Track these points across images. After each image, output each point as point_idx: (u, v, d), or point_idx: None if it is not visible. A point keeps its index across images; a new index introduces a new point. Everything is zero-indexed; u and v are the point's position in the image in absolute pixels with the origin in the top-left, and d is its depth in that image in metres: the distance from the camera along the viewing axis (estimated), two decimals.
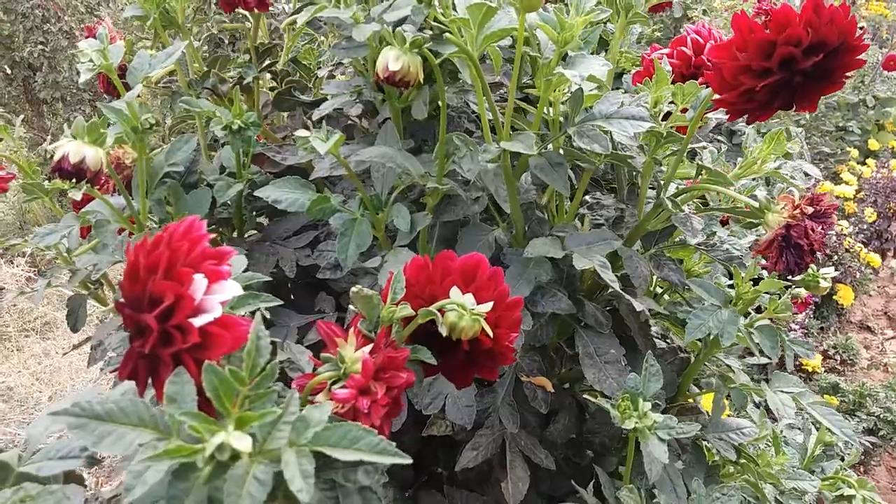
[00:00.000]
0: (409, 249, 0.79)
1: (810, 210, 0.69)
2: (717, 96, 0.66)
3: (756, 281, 0.85)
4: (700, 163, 0.81)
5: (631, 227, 0.86)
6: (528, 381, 0.85)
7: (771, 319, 0.85)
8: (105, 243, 0.83)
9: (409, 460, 0.45)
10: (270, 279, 0.95)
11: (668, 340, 1.06)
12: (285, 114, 1.12)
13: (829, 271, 0.79)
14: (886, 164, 3.87)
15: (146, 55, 0.77)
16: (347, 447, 0.45)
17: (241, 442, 0.41)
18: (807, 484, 0.98)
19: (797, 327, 2.85)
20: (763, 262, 0.84)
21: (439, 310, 0.57)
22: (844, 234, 3.39)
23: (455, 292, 0.59)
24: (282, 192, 0.77)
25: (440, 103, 0.73)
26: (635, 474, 0.94)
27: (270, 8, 0.92)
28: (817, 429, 1.06)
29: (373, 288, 0.89)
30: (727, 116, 0.67)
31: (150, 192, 0.81)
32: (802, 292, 0.85)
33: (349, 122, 0.96)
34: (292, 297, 1.01)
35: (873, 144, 4.20)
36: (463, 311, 0.57)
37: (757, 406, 1.08)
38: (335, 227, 0.79)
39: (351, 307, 0.60)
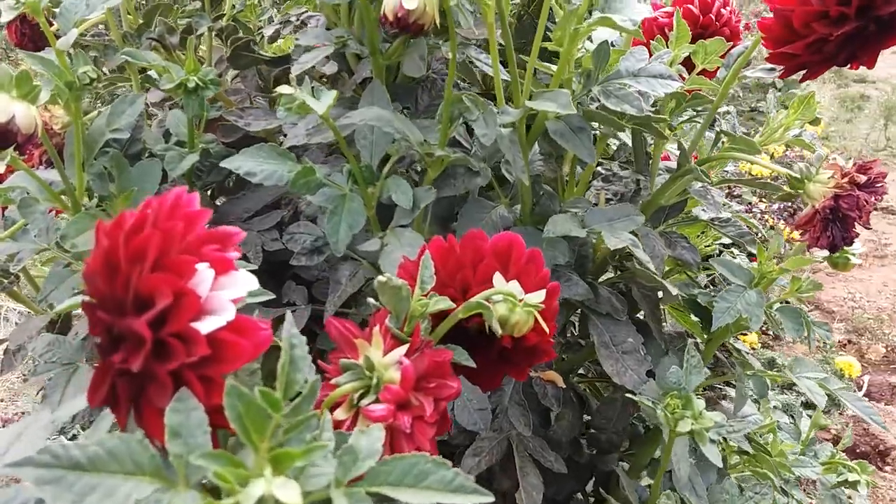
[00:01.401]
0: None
1: (863, 178, 0.63)
2: (771, 50, 0.59)
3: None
4: (721, 129, 0.74)
5: (644, 202, 0.79)
6: (537, 377, 0.77)
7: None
8: (28, 228, 0.69)
9: (491, 498, 0.35)
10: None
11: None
12: (230, 76, 0.99)
13: (858, 247, 0.74)
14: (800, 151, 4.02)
15: None
16: (413, 485, 0.35)
17: (288, 492, 0.31)
18: (809, 471, 0.95)
19: None
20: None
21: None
22: (766, 213, 3.49)
23: (499, 279, 0.49)
24: (255, 162, 0.65)
25: (449, 54, 0.62)
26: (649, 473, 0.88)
27: None
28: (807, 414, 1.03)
29: (354, 278, 0.79)
30: (778, 74, 0.61)
31: (89, 165, 0.67)
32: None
33: (320, 83, 0.84)
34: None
35: None
36: (514, 302, 0.47)
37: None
38: (319, 204, 0.67)
39: (371, 301, 0.49)
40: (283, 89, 0.60)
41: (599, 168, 0.82)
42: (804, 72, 0.60)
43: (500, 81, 0.65)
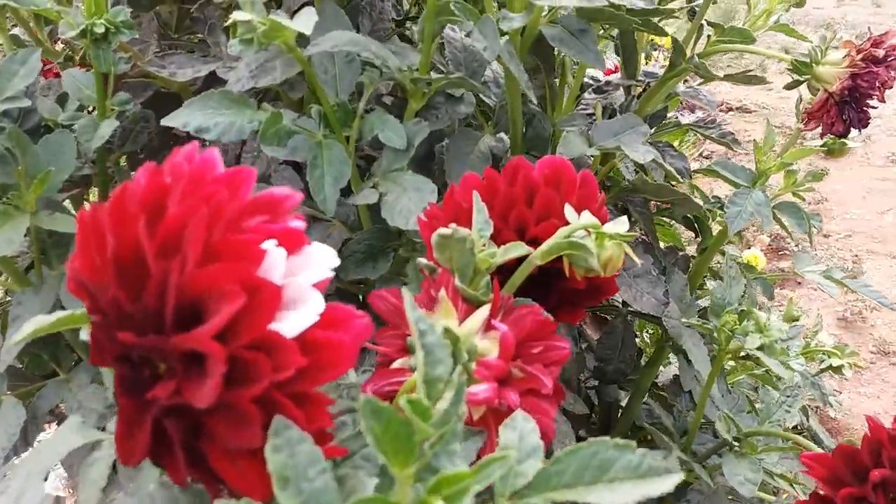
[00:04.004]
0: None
1: (881, 53, 0.60)
2: None
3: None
4: (708, 20, 0.69)
5: (634, 109, 0.73)
6: None
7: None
8: None
9: (681, 475, 0.28)
10: None
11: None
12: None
13: (854, 133, 0.72)
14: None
15: None
16: (595, 481, 0.28)
17: None
18: (795, 364, 0.95)
19: None
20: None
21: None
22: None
23: (571, 212, 0.41)
24: (205, 115, 0.53)
25: None
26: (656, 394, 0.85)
27: None
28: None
29: (327, 242, 0.69)
30: None
31: None
32: None
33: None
34: None
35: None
36: (604, 235, 0.40)
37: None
38: (288, 157, 0.56)
39: (421, 261, 0.40)
40: (237, 15, 0.48)
41: (586, 79, 0.75)
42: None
43: None
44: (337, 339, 0.26)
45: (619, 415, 0.91)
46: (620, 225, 0.41)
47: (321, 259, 0.28)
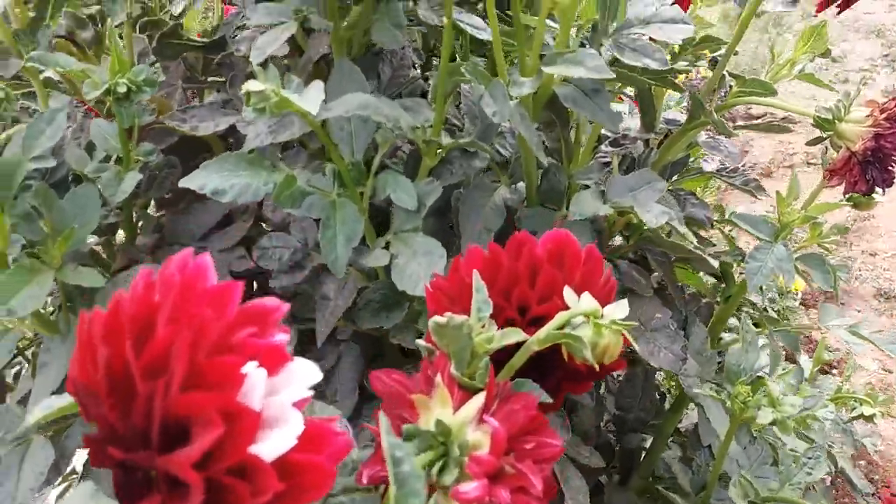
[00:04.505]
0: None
1: None
2: None
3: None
4: (730, 71, 0.68)
5: (653, 160, 0.72)
6: None
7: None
8: None
9: None
10: None
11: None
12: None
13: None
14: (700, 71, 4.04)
15: None
16: None
17: None
18: (826, 412, 0.93)
19: None
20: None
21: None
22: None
23: (570, 295, 0.41)
24: (221, 176, 0.54)
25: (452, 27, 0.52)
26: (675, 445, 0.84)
27: None
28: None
29: (343, 291, 0.69)
30: (815, 9, 0.54)
31: (9, 206, 0.54)
32: None
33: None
34: None
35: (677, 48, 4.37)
36: (599, 323, 0.40)
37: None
38: (304, 216, 0.57)
39: (420, 343, 0.41)
40: (250, 85, 0.49)
41: (604, 130, 0.75)
42: (838, 2, 0.54)
43: (499, 45, 0.55)
44: (315, 462, 0.27)
45: (641, 459, 0.91)
46: (620, 309, 0.41)
47: (303, 377, 0.28)
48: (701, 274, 0.87)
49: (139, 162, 0.65)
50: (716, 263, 0.68)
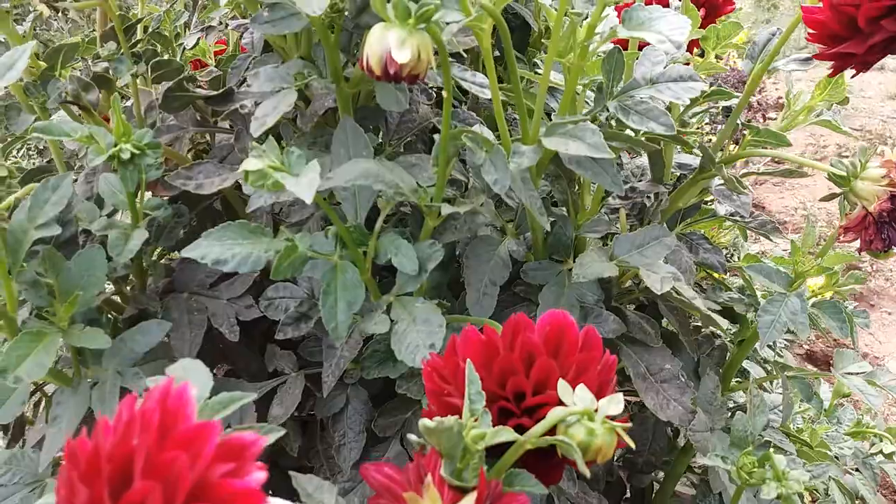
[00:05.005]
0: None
1: None
2: (819, 45, 0.51)
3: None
4: (744, 122, 0.66)
5: (663, 208, 0.71)
6: None
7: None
8: None
9: None
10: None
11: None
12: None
13: None
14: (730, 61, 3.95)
15: None
16: None
17: None
18: (845, 448, 0.92)
19: None
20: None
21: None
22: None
23: (565, 389, 0.41)
24: (223, 246, 0.54)
25: (444, 92, 0.52)
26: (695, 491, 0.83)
27: None
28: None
29: (350, 341, 0.69)
30: (829, 72, 0.53)
31: (17, 273, 0.55)
32: None
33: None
34: (233, 353, 0.78)
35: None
36: (592, 422, 0.39)
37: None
38: (306, 280, 0.58)
39: (412, 438, 0.41)
40: (248, 164, 0.49)
41: None
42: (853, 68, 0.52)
43: (500, 111, 0.55)
44: None
45: (653, 496, 0.90)
46: (614, 405, 0.40)
47: None
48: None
49: (147, 216, 0.65)
50: (724, 322, 0.67)
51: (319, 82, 0.59)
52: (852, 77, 0.54)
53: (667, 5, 0.68)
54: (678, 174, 0.74)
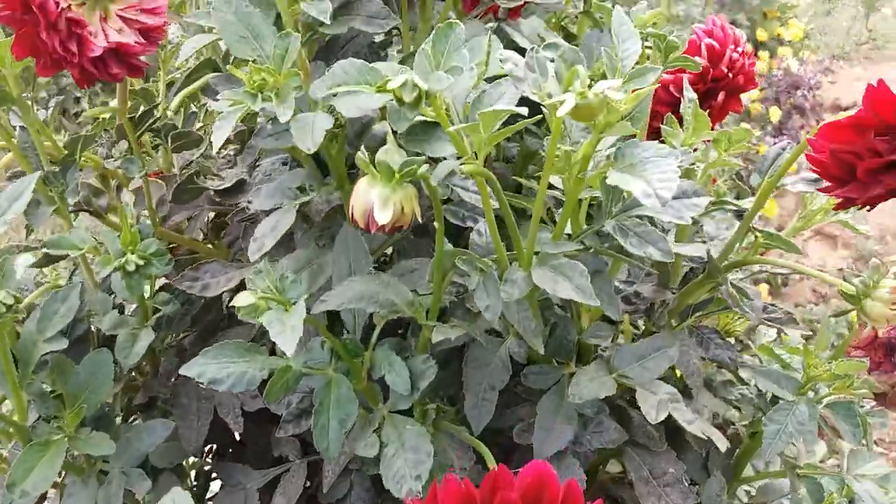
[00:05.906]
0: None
1: None
2: (825, 181, 0.49)
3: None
4: (755, 227, 0.65)
5: (671, 309, 0.70)
6: None
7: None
8: None
9: None
10: None
11: None
12: None
13: None
14: (784, 61, 3.83)
15: None
16: None
17: None
18: None
19: None
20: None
21: None
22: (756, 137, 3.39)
23: None
24: (220, 365, 0.56)
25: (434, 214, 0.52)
26: None
27: None
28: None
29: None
30: (834, 207, 0.51)
31: (26, 384, 0.57)
32: None
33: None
34: (237, 438, 0.80)
35: (761, 35, 4.16)
36: None
37: None
38: (300, 400, 0.59)
39: None
40: (239, 299, 0.50)
41: (618, 284, 0.73)
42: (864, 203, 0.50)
43: (497, 237, 0.54)
44: None
45: None
46: None
47: None
48: None
49: (155, 318, 0.67)
50: (724, 446, 0.66)
51: (320, 196, 0.60)
52: (861, 209, 0.52)
53: (678, 106, 0.67)
54: (688, 268, 0.73)
